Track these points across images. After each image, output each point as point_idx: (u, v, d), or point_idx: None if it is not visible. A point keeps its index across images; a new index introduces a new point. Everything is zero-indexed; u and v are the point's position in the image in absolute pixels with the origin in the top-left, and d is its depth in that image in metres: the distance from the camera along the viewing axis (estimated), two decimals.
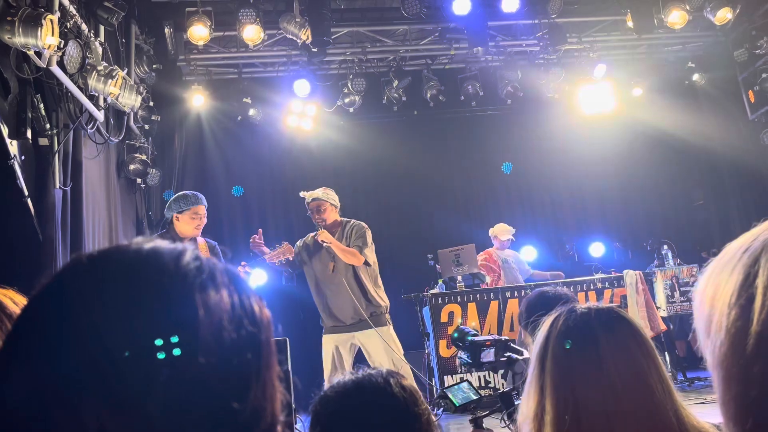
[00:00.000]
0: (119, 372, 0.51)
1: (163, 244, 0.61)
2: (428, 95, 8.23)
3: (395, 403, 1.12)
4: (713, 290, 0.65)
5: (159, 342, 0.53)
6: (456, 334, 2.80)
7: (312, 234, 5.08)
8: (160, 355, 0.52)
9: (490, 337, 2.72)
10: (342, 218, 5.07)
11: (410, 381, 1.22)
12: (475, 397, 2.35)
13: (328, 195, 4.99)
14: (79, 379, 0.51)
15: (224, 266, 0.62)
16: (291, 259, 4.95)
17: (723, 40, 8.50)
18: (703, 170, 9.44)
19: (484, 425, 2.32)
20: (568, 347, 1.29)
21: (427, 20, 7.49)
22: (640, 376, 1.28)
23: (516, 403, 2.44)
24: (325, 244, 4.81)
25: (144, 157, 6.73)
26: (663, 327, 6.37)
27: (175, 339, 0.53)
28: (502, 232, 7.30)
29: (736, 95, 8.60)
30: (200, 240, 4.71)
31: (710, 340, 0.64)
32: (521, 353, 2.54)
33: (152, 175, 6.95)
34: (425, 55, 8.41)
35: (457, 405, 2.32)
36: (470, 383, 2.44)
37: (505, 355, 2.59)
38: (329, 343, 4.97)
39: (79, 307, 0.54)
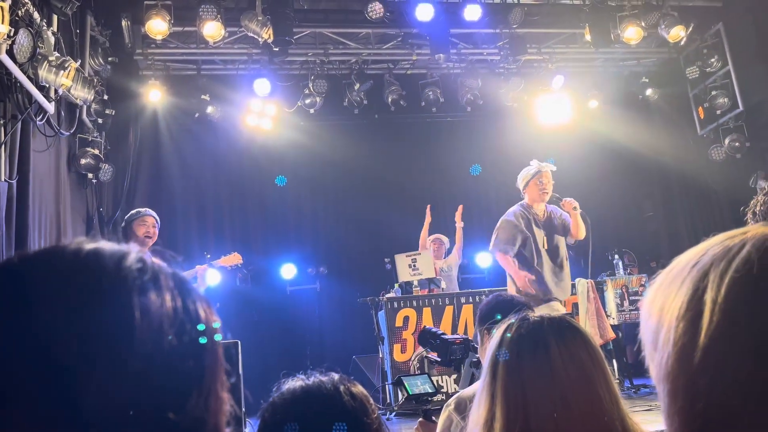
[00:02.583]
0: (46, 381, 0.48)
1: (108, 244, 0.58)
2: (389, 99, 8.25)
3: (344, 412, 1.10)
4: (661, 303, 0.65)
5: (90, 348, 0.50)
6: (421, 334, 2.87)
7: (519, 210, 5.24)
8: (91, 362, 0.49)
9: (459, 336, 2.83)
10: None
11: (361, 388, 1.21)
12: (430, 390, 2.38)
13: None
14: (2, 390, 0.48)
15: (172, 270, 0.60)
16: (239, 265, 5.07)
17: (676, 57, 8.76)
18: (653, 182, 9.70)
19: (434, 419, 2.33)
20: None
21: (390, 25, 7.51)
22: (589, 385, 1.30)
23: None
24: (578, 211, 5.14)
25: (96, 151, 6.55)
26: (612, 335, 6.51)
27: (108, 344, 0.50)
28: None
29: (686, 111, 8.88)
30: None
31: (657, 353, 0.64)
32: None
33: (104, 170, 6.77)
34: (387, 60, 8.43)
35: (410, 393, 2.34)
36: (429, 376, 2.47)
37: (476, 357, 2.64)
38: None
39: (3, 312, 0.51)
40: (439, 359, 2.74)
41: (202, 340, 0.57)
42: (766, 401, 0.56)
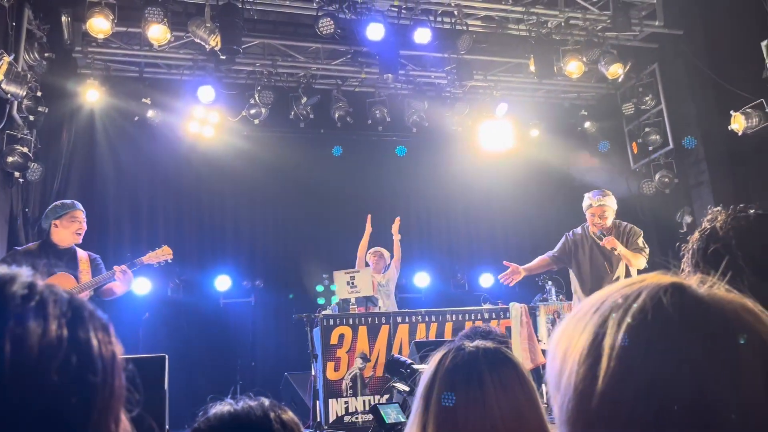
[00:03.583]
0: None
1: None
2: (336, 115, 8.24)
3: None
4: (565, 346, 0.66)
5: None
6: (389, 363, 2.85)
7: (580, 231, 5.40)
8: None
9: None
10: (615, 220, 5.40)
11: (292, 415, 1.17)
12: (403, 420, 2.37)
13: (612, 201, 5.36)
14: None
15: (69, 296, 0.55)
16: (170, 261, 4.75)
17: (613, 93, 9.13)
18: None
19: None
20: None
21: (340, 41, 7.52)
22: (520, 417, 1.31)
23: None
24: (616, 252, 5.12)
25: (26, 149, 6.26)
26: (543, 359, 6.64)
27: None
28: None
29: (621, 145, 9.24)
30: (81, 253, 4.42)
31: (559, 395, 0.65)
32: None
33: (33, 169, 6.47)
34: (336, 76, 8.43)
35: (387, 423, 2.32)
36: (399, 406, 2.46)
37: None
38: None
39: None
40: (407, 388, 2.72)
41: (92, 376, 0.52)
42: None
